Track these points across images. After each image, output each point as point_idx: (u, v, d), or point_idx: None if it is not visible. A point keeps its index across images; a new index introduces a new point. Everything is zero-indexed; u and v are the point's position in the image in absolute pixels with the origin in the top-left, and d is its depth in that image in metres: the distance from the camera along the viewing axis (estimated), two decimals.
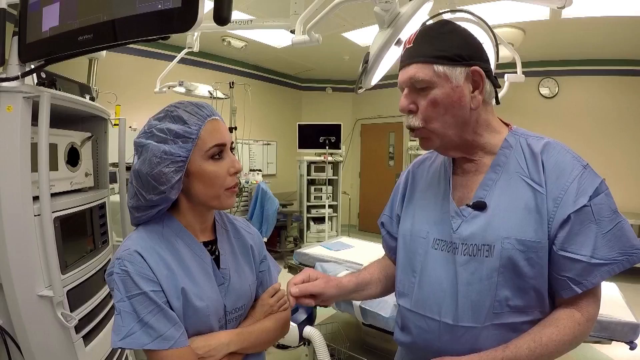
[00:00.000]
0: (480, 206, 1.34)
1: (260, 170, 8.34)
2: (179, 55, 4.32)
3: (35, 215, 1.82)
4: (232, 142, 1.47)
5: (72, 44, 1.52)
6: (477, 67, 1.32)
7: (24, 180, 1.78)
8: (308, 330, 3.08)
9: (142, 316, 1.25)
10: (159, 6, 1.24)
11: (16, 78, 1.74)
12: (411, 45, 1.36)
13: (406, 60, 1.37)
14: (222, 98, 5.46)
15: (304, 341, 3.22)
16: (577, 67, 8.33)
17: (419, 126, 1.36)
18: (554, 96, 8.57)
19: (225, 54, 8.78)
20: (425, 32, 1.36)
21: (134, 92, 6.56)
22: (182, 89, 4.82)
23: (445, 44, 1.32)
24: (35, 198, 1.83)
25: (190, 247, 1.43)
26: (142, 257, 1.31)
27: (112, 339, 1.26)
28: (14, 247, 1.76)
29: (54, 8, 1.60)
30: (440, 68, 1.29)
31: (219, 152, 1.39)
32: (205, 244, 1.48)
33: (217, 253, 1.50)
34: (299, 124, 8.78)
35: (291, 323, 2.55)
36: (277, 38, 7.33)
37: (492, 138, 1.41)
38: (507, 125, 1.49)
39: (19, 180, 1.76)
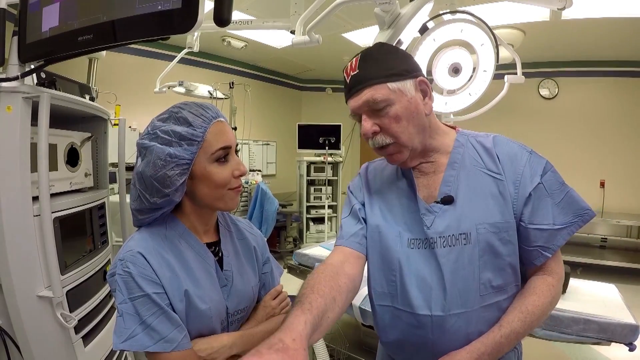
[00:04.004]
0: (448, 200, 1.44)
1: (259, 171, 8.29)
2: (179, 55, 4.33)
3: (34, 216, 1.82)
4: (237, 144, 1.48)
5: (72, 44, 1.52)
6: (422, 77, 1.46)
7: (24, 181, 1.78)
8: None
9: (145, 318, 1.24)
10: (159, 7, 1.24)
11: (16, 78, 1.74)
12: (356, 72, 1.44)
13: (358, 86, 1.43)
14: (222, 98, 5.46)
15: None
16: (577, 69, 8.32)
17: (390, 142, 1.44)
18: (554, 97, 8.56)
19: (225, 54, 8.76)
20: (366, 57, 1.45)
21: (134, 92, 6.55)
22: (182, 89, 4.82)
23: (390, 62, 1.43)
24: (35, 198, 1.83)
25: (194, 249, 1.43)
26: (145, 258, 1.30)
27: (113, 340, 1.25)
28: (14, 248, 1.76)
29: (54, 8, 1.60)
30: (394, 85, 1.39)
31: (224, 155, 1.37)
32: (209, 245, 1.48)
33: (220, 254, 1.49)
34: (298, 125, 8.75)
35: None
36: (277, 38, 7.32)
37: (444, 139, 1.54)
38: (452, 127, 1.62)
39: (18, 180, 1.76)
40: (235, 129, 6.15)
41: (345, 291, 1.39)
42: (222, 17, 1.18)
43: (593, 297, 2.93)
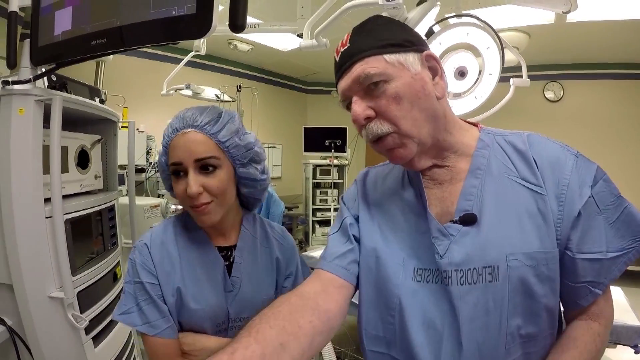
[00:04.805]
0: (470, 220, 1.11)
1: None
2: (186, 58, 4.34)
3: (46, 217, 1.83)
4: (206, 158, 1.35)
5: (85, 48, 1.53)
6: (430, 51, 1.17)
7: (36, 183, 1.79)
8: None
9: (139, 301, 1.37)
10: (173, 12, 1.25)
11: (28, 81, 1.75)
12: (347, 46, 1.16)
13: (347, 61, 1.15)
14: (229, 101, 5.48)
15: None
16: (582, 71, 8.35)
17: (389, 131, 1.12)
18: (559, 100, 8.58)
19: (231, 57, 8.81)
20: (360, 29, 1.18)
21: (141, 95, 6.59)
22: (189, 92, 4.84)
23: (388, 32, 1.15)
24: (47, 200, 1.84)
25: (201, 249, 1.47)
26: (149, 250, 1.42)
27: (114, 311, 1.42)
28: (26, 249, 1.77)
29: (66, 12, 1.61)
30: (392, 57, 1.11)
31: (174, 170, 1.38)
32: (223, 248, 1.50)
33: (232, 259, 1.50)
34: (304, 127, 8.74)
35: None
36: (282, 41, 7.35)
37: (462, 137, 1.22)
38: (474, 125, 1.30)
39: (30, 182, 1.77)
40: None
41: (310, 334, 1.08)
42: (237, 23, 1.18)
43: None
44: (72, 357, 1.97)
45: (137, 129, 5.28)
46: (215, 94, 5.16)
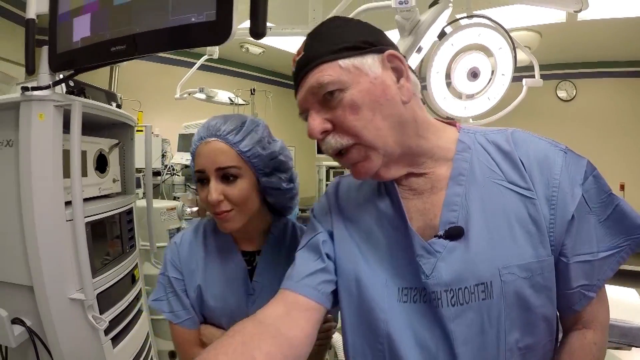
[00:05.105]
0: (456, 233, 1.02)
1: None
2: (199, 62, 4.39)
3: (67, 221, 1.86)
4: (227, 167, 1.38)
5: (105, 54, 1.55)
6: (392, 51, 1.07)
7: (57, 186, 1.81)
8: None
9: (167, 292, 1.54)
10: (192, 19, 1.25)
11: (48, 87, 1.77)
12: (302, 54, 1.09)
13: (301, 71, 1.09)
14: (242, 104, 5.50)
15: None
16: (594, 70, 8.30)
17: (349, 143, 1.05)
18: (572, 99, 8.54)
19: (244, 60, 8.85)
20: (315, 34, 1.11)
21: (154, 98, 6.64)
22: (202, 95, 4.86)
23: (343, 35, 1.06)
24: (67, 204, 1.87)
25: (226, 252, 1.54)
26: (178, 249, 1.57)
27: (149, 297, 1.61)
28: (46, 252, 1.79)
29: (84, 19, 1.63)
30: (347, 62, 1.02)
31: (199, 178, 1.43)
32: (247, 253, 1.55)
33: (255, 264, 1.54)
34: None
35: None
36: (294, 44, 7.36)
37: (438, 140, 1.13)
38: (449, 123, 1.20)
39: (51, 186, 1.79)
40: None
41: None
42: (257, 30, 1.18)
43: (614, 302, 2.89)
44: (91, 358, 1.99)
45: (152, 133, 5.34)
46: (229, 97, 5.18)
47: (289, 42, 7.32)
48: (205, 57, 4.23)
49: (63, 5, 1.73)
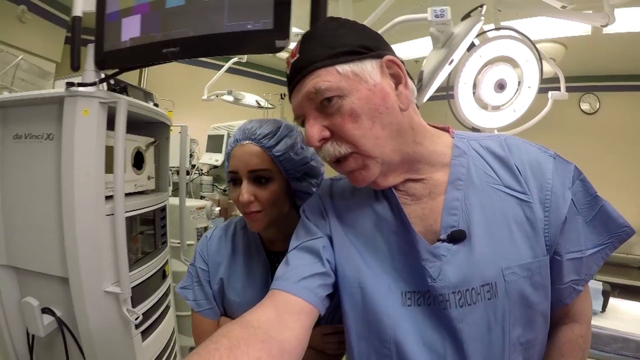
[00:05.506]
0: (459, 237, 1.04)
1: None
2: (227, 65, 4.43)
3: (107, 215, 1.90)
4: (259, 170, 1.42)
5: (156, 55, 1.59)
6: (391, 56, 1.06)
7: (98, 181, 1.85)
8: None
9: (194, 281, 1.64)
10: (249, 26, 1.28)
11: (94, 84, 1.81)
12: (297, 56, 1.06)
13: (296, 75, 1.06)
14: (269, 108, 5.54)
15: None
16: (618, 83, 8.17)
17: (347, 152, 1.04)
18: (595, 112, 8.43)
19: (270, 64, 8.91)
20: (310, 36, 1.08)
21: (181, 98, 6.68)
22: (230, 98, 4.90)
23: (341, 38, 1.04)
24: (106, 198, 1.91)
25: (252, 250, 1.59)
26: (207, 242, 1.67)
27: (178, 285, 1.71)
28: (85, 245, 1.83)
29: (134, 20, 1.68)
30: (345, 67, 1.01)
31: (232, 178, 1.47)
32: (275, 253, 1.58)
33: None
34: None
35: None
36: None
37: (435, 145, 1.14)
38: (442, 129, 1.22)
39: (93, 181, 1.83)
40: None
41: None
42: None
43: (632, 317, 2.92)
44: (121, 350, 2.04)
45: (179, 132, 5.42)
46: (256, 100, 5.22)
47: None
48: (234, 59, 4.26)
49: (111, 5, 1.78)
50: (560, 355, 1.13)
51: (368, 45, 1.04)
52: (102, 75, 1.88)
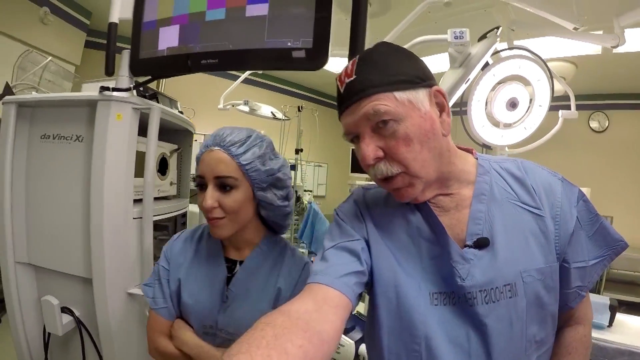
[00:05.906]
0: (484, 243, 1.15)
1: (310, 191, 8.56)
2: (243, 75, 4.47)
3: (134, 218, 1.93)
4: (224, 177, 1.43)
5: (195, 65, 1.63)
6: (438, 87, 1.15)
7: (128, 185, 1.89)
8: (363, 347, 3.13)
9: (155, 279, 1.60)
10: (288, 44, 1.32)
11: (128, 89, 1.86)
12: (353, 77, 1.12)
13: (353, 96, 1.12)
14: (284, 119, 5.58)
15: (359, 358, 3.26)
16: (627, 101, 8.17)
17: (398, 172, 1.12)
18: (604, 130, 8.43)
19: (281, 75, 8.97)
20: (366, 59, 1.14)
21: (197, 107, 6.70)
22: (246, 108, 4.92)
23: (398, 66, 1.12)
24: (135, 202, 1.95)
25: (211, 255, 1.61)
26: (173, 243, 1.65)
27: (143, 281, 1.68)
28: (111, 247, 1.87)
29: (172, 30, 1.72)
30: (402, 95, 1.08)
31: (198, 183, 1.48)
32: (231, 260, 1.59)
33: (235, 273, 1.57)
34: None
35: (348, 340, 2.63)
36: (335, 64, 7.41)
37: (464, 165, 1.24)
38: (467, 150, 1.32)
39: (122, 184, 1.87)
40: (301, 150, 6.26)
41: None
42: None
43: (638, 331, 2.96)
44: (137, 348, 2.07)
45: (195, 140, 5.45)
46: (272, 112, 5.26)
47: (331, 62, 7.37)
48: (250, 71, 4.30)
49: (149, 14, 1.82)
50: (567, 352, 1.25)
51: (421, 75, 1.12)
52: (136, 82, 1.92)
